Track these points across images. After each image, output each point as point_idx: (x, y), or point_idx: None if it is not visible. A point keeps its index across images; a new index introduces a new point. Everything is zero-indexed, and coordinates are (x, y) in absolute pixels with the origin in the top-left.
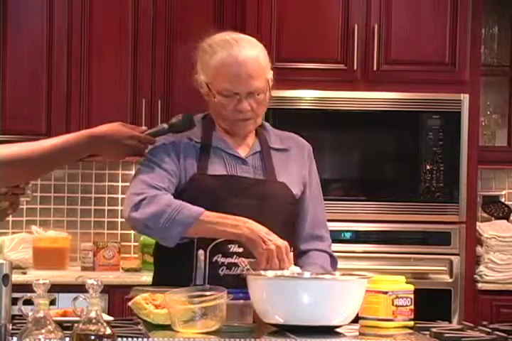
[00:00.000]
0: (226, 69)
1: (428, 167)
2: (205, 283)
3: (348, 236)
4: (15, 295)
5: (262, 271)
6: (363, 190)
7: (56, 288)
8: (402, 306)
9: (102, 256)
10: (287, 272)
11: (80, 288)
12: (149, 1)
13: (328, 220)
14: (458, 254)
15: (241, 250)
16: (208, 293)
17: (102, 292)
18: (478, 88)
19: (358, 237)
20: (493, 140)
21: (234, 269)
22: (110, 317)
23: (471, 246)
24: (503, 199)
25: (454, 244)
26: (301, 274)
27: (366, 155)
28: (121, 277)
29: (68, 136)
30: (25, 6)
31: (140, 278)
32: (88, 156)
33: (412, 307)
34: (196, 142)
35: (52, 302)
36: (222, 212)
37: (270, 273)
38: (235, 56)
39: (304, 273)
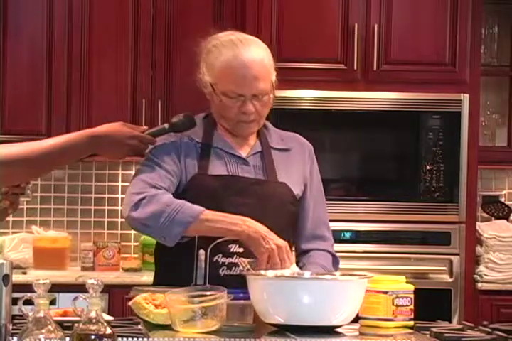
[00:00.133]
0: (232, 70)
1: (428, 167)
2: (205, 283)
3: (348, 236)
4: (15, 295)
5: (262, 271)
6: (363, 190)
7: (56, 288)
8: (402, 306)
9: (102, 256)
10: (287, 272)
11: (80, 288)
12: (149, 1)
13: (329, 220)
14: (458, 254)
15: (241, 250)
16: (208, 293)
17: (102, 292)
18: (478, 88)
19: (358, 237)
20: (493, 140)
21: (234, 269)
22: (110, 317)
23: (470, 246)
24: (502, 199)
25: (453, 243)
26: (302, 274)
27: (366, 155)
28: (121, 277)
29: (68, 135)
30: (26, 6)
31: (140, 278)
32: (89, 156)
33: (412, 307)
34: (197, 142)
35: (52, 302)
36: (222, 212)
37: (270, 273)
38: (241, 58)
39: (304, 273)
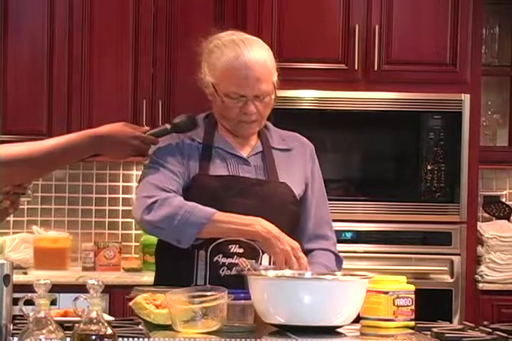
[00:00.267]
0: (234, 72)
1: (429, 167)
2: (206, 284)
3: (348, 236)
4: (16, 295)
5: (262, 271)
6: (364, 190)
7: (57, 288)
8: (403, 306)
9: (103, 256)
10: (288, 272)
11: (81, 288)
12: (150, 1)
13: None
14: (459, 254)
15: (241, 250)
16: (209, 293)
17: (102, 292)
18: (479, 88)
19: (359, 237)
20: (494, 140)
21: (235, 269)
22: (111, 318)
23: (471, 246)
24: (503, 199)
25: (454, 244)
26: (302, 274)
27: (367, 156)
28: (122, 277)
29: (70, 135)
30: (26, 5)
31: (141, 278)
32: (91, 156)
33: (412, 307)
34: (199, 142)
35: (53, 303)
36: (223, 212)
37: (271, 274)
38: (243, 59)
39: (305, 274)
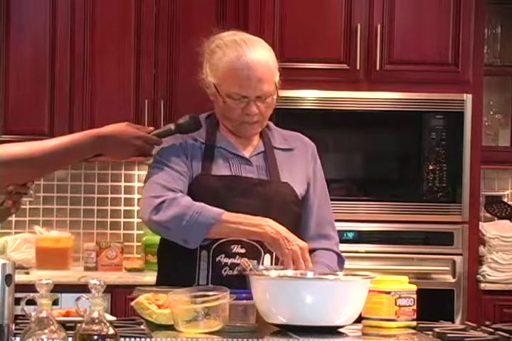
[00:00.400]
0: (236, 72)
1: (431, 167)
2: (208, 283)
3: (350, 236)
4: (18, 295)
5: (264, 271)
6: (366, 190)
7: (59, 288)
8: (405, 306)
9: (105, 256)
10: (290, 272)
11: (83, 288)
12: (152, 0)
13: None
14: (461, 254)
15: (243, 251)
16: (211, 293)
17: (104, 292)
18: (481, 88)
19: (361, 237)
20: (496, 140)
21: (236, 270)
22: (113, 317)
23: (473, 246)
24: (505, 199)
25: (456, 244)
26: (304, 274)
27: (369, 156)
28: (123, 277)
29: (73, 135)
30: (28, 4)
31: (143, 278)
32: (94, 156)
33: (414, 307)
34: (201, 142)
35: (55, 303)
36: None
37: (273, 274)
38: (245, 60)
39: (307, 273)
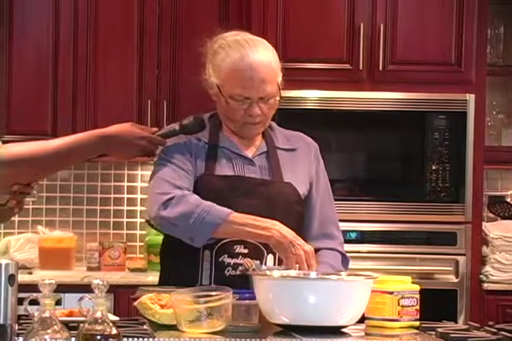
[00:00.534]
0: (239, 73)
1: (434, 167)
2: (210, 284)
3: (353, 236)
4: (21, 295)
5: (267, 271)
6: (369, 190)
7: (62, 288)
8: (408, 306)
9: (108, 256)
10: (293, 272)
11: (86, 288)
12: (155, 1)
13: None
14: (464, 254)
15: (246, 251)
16: (214, 293)
17: (107, 292)
18: (484, 88)
19: (364, 237)
20: (499, 140)
21: (238, 270)
22: (116, 317)
23: (476, 246)
24: (508, 199)
25: (459, 244)
26: (307, 274)
27: (371, 156)
28: (126, 277)
29: (77, 135)
30: (31, 7)
31: (146, 278)
32: (98, 156)
33: (417, 307)
34: (205, 142)
35: (58, 303)
36: None
37: (276, 274)
38: (248, 61)
39: (310, 274)
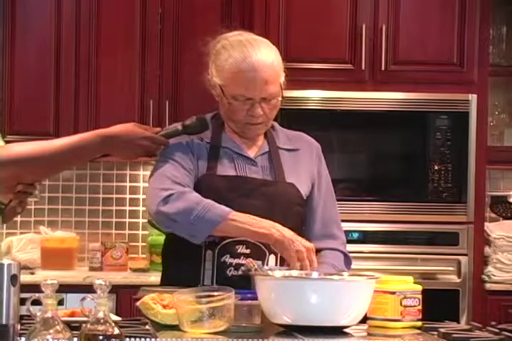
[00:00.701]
0: (242, 74)
1: (436, 167)
2: (212, 284)
3: (355, 236)
4: (23, 295)
5: (269, 272)
6: (371, 190)
7: (64, 288)
8: (410, 306)
9: (110, 256)
10: (295, 272)
11: (88, 289)
12: (157, 1)
13: None
14: (466, 254)
15: (248, 251)
16: (216, 294)
17: (109, 292)
18: (486, 88)
19: (366, 237)
20: (501, 140)
21: (240, 270)
22: (118, 318)
23: (479, 246)
24: (511, 200)
25: (462, 244)
26: (309, 274)
27: (374, 156)
28: (129, 277)
29: (81, 135)
30: (33, 6)
31: (148, 278)
32: (101, 156)
33: (420, 307)
34: (207, 142)
35: (60, 303)
36: None
37: (278, 274)
38: (250, 61)
39: (312, 274)
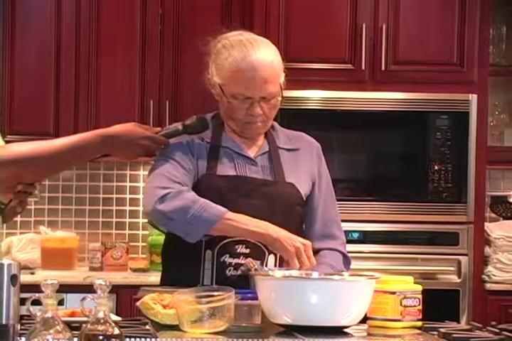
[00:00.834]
0: (241, 73)
1: (436, 167)
2: (212, 284)
3: (355, 236)
4: (23, 295)
5: (270, 272)
6: (371, 190)
7: (64, 288)
8: (410, 306)
9: (110, 256)
10: (295, 272)
11: (88, 289)
12: (157, 1)
13: None
14: (466, 254)
15: (248, 251)
16: (216, 294)
17: (110, 292)
18: (486, 88)
19: (366, 237)
20: (501, 140)
21: (239, 270)
22: (118, 318)
23: (479, 246)
24: (511, 200)
25: (462, 244)
26: (309, 274)
27: (374, 156)
28: (129, 277)
29: (80, 135)
30: (33, 6)
31: (148, 278)
32: (101, 156)
33: (420, 307)
34: (207, 142)
35: (60, 303)
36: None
37: (278, 274)
38: (250, 61)
39: (312, 274)
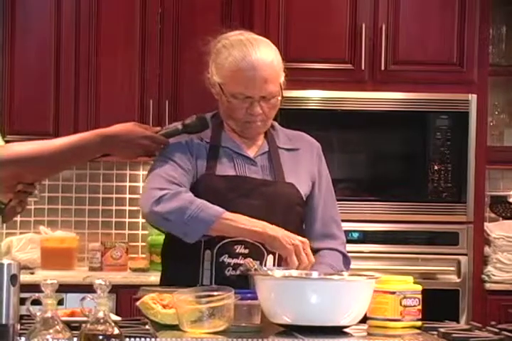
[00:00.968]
0: (241, 73)
1: (436, 167)
2: (211, 284)
3: (355, 236)
4: (23, 295)
5: (269, 271)
6: (371, 190)
7: (64, 288)
8: (410, 306)
9: (110, 256)
10: (295, 272)
11: (88, 288)
12: (157, 1)
13: None
14: (466, 254)
15: (247, 251)
16: (216, 293)
17: (109, 292)
18: (486, 88)
19: (366, 237)
20: (501, 140)
21: (238, 270)
22: (118, 317)
23: (478, 246)
24: (510, 200)
25: (461, 244)
26: (309, 274)
27: (374, 156)
28: (128, 277)
29: (80, 135)
30: (33, 6)
31: (148, 278)
32: (101, 156)
33: (419, 307)
34: (206, 142)
35: (60, 303)
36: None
37: (278, 274)
38: (250, 60)
39: (312, 274)
